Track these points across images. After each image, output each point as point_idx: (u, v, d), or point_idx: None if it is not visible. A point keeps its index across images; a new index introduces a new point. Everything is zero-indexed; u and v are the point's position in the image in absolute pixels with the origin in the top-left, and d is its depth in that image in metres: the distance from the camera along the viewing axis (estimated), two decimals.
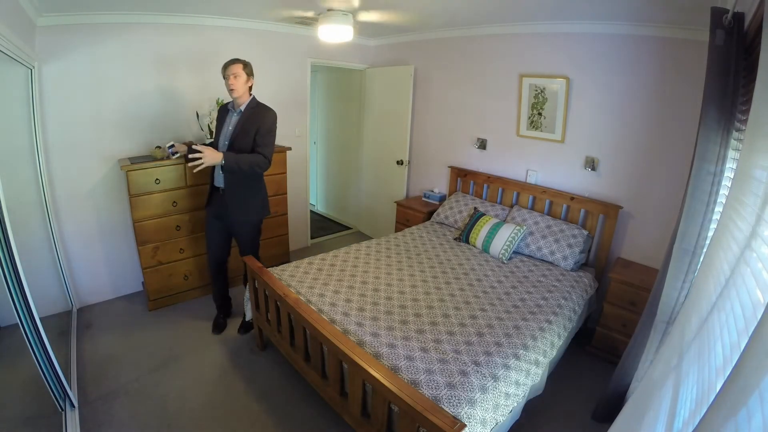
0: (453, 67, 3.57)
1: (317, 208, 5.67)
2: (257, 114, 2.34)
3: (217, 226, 2.56)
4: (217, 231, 2.58)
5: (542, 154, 3.10)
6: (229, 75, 2.26)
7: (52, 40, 2.50)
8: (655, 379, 1.03)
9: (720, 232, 1.26)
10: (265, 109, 2.37)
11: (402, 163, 4.11)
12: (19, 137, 2.50)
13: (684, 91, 2.36)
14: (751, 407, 0.53)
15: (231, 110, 2.41)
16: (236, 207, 2.43)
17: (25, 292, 1.66)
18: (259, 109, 2.36)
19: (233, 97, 2.33)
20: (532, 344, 1.90)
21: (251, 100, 2.38)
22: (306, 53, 3.77)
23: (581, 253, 2.69)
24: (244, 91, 2.32)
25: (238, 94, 2.31)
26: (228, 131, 2.37)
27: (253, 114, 2.34)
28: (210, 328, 2.77)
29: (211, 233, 2.60)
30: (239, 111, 2.36)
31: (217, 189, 2.48)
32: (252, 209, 2.50)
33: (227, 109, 2.45)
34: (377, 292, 2.25)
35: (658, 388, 1.12)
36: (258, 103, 2.39)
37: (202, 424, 1.99)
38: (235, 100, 2.36)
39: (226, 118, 2.42)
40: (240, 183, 2.41)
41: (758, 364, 0.54)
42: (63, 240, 2.82)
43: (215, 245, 2.62)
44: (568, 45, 2.79)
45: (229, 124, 2.38)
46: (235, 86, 2.27)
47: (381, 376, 1.49)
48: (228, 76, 2.26)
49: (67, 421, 1.86)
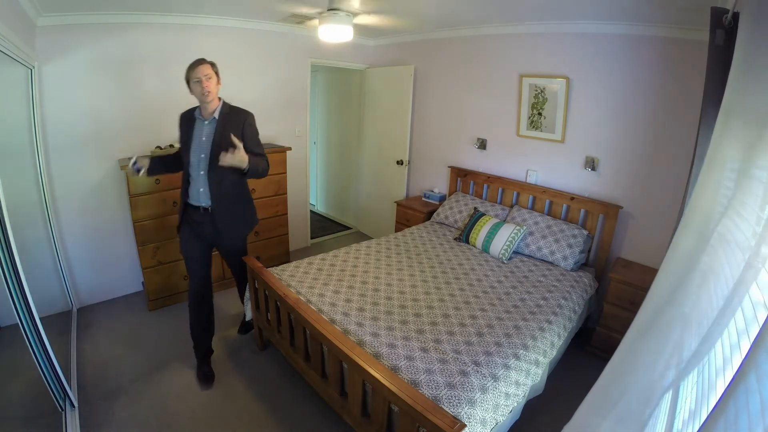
0: (453, 67, 3.57)
1: (317, 208, 5.67)
2: (236, 120, 2.09)
3: (199, 248, 2.24)
4: (200, 252, 2.25)
5: (542, 154, 3.10)
6: (200, 78, 1.96)
7: (52, 40, 2.50)
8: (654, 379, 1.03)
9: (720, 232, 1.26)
10: (243, 113, 2.13)
11: (402, 163, 4.11)
12: (19, 137, 2.50)
13: (684, 91, 2.36)
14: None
15: (199, 119, 2.08)
16: (229, 226, 2.20)
17: (25, 292, 1.66)
18: (235, 114, 2.11)
19: (206, 102, 2.02)
20: (532, 344, 1.90)
21: (223, 105, 2.09)
22: (306, 53, 3.77)
23: (581, 253, 2.69)
24: (216, 95, 2.05)
25: (212, 98, 2.02)
26: (202, 143, 2.06)
27: (231, 120, 2.07)
28: None
29: (193, 256, 2.24)
30: (213, 119, 2.06)
31: (196, 208, 2.14)
32: (245, 223, 2.32)
33: (192, 117, 2.10)
34: (377, 292, 2.25)
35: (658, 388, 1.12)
36: (231, 107, 2.13)
37: (202, 424, 1.99)
38: (207, 106, 2.05)
39: (194, 128, 2.08)
40: (230, 198, 2.17)
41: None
42: (63, 240, 2.82)
43: (200, 270, 2.26)
44: (568, 45, 2.79)
45: (202, 135, 2.07)
46: (210, 90, 1.99)
47: (381, 376, 1.49)
48: (199, 79, 1.96)
49: (67, 421, 1.86)
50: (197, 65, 1.99)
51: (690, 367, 0.85)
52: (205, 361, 2.35)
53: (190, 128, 2.10)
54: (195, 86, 1.99)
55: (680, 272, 1.01)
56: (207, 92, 1.98)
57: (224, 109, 2.10)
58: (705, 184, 1.04)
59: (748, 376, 0.57)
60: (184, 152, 2.11)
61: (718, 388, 0.77)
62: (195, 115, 2.10)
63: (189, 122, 2.12)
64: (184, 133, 2.13)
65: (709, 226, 0.96)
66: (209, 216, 2.15)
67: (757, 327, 0.74)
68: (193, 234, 2.21)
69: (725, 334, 0.85)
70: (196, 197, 2.13)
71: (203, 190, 2.11)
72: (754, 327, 0.75)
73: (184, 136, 2.12)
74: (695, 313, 0.90)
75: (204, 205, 2.13)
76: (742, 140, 0.92)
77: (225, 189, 2.12)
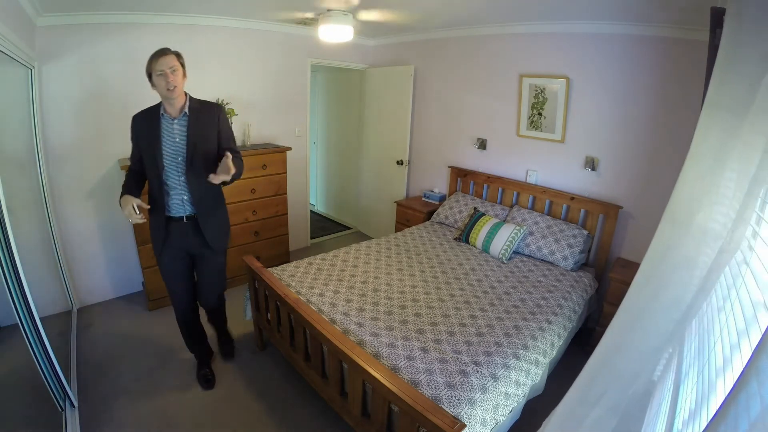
0: (453, 67, 3.57)
1: (317, 208, 5.67)
2: (207, 115, 1.90)
3: (184, 267, 2.05)
4: (186, 271, 2.08)
5: (542, 154, 3.10)
6: (164, 71, 1.72)
7: (52, 40, 2.50)
8: (654, 379, 1.04)
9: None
10: (214, 106, 1.95)
11: (402, 163, 4.11)
12: (19, 137, 2.50)
13: (684, 91, 2.35)
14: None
15: (164, 116, 1.83)
16: (214, 232, 2.01)
17: (25, 292, 1.66)
18: (207, 109, 1.92)
19: (172, 98, 1.78)
20: (532, 344, 1.90)
21: (190, 100, 1.88)
22: (306, 53, 3.77)
23: (581, 253, 2.69)
24: (182, 90, 1.83)
25: (178, 94, 1.79)
26: (176, 144, 1.83)
27: (203, 116, 1.88)
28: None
29: (178, 279, 2.06)
30: (184, 116, 1.84)
31: (178, 220, 1.93)
32: (225, 232, 2.14)
33: (156, 116, 1.84)
34: (377, 292, 2.25)
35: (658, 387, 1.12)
36: (199, 101, 1.92)
37: (201, 424, 1.99)
38: (173, 102, 1.81)
39: (161, 128, 1.82)
40: (211, 200, 1.99)
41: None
42: (63, 240, 2.82)
43: (187, 293, 2.12)
44: (568, 45, 2.79)
45: (174, 135, 1.83)
46: (177, 84, 1.76)
47: (381, 376, 1.49)
48: (163, 71, 1.72)
49: (67, 421, 1.86)
50: (160, 56, 1.74)
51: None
52: (205, 363, 2.32)
53: (155, 129, 1.83)
54: (158, 80, 1.74)
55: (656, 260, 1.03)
56: (173, 87, 1.74)
57: (193, 103, 1.88)
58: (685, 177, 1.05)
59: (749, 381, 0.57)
60: (153, 159, 1.82)
61: (718, 388, 0.78)
62: (160, 113, 1.84)
63: (152, 123, 1.83)
64: (149, 136, 1.83)
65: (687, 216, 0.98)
66: (192, 224, 1.95)
67: (758, 327, 0.74)
68: (177, 253, 2.00)
69: (725, 334, 0.85)
70: (178, 207, 1.91)
71: (186, 197, 1.90)
72: (755, 327, 0.75)
73: (149, 139, 1.83)
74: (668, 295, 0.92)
75: (188, 214, 1.93)
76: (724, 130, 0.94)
77: (205, 191, 1.93)
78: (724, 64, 1.02)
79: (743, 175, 0.86)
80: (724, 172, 0.90)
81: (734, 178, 0.89)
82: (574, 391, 1.18)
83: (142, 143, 1.86)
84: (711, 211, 0.92)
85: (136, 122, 1.87)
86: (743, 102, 0.89)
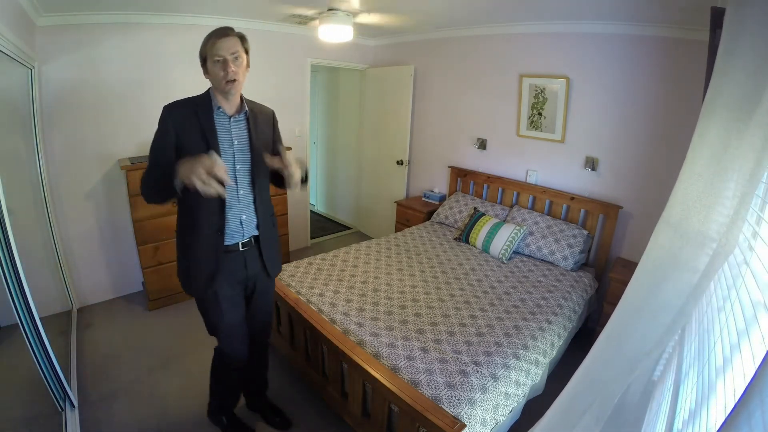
0: (453, 67, 3.57)
1: (317, 208, 5.67)
2: (264, 118, 1.61)
3: (239, 300, 1.63)
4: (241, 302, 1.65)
5: (542, 154, 3.10)
6: (224, 56, 1.35)
7: (52, 40, 2.50)
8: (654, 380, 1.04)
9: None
10: (270, 110, 1.67)
11: (402, 163, 4.11)
12: (19, 137, 2.50)
13: (684, 91, 2.35)
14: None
15: (221, 113, 1.45)
16: (272, 258, 1.65)
17: (25, 292, 1.66)
18: (262, 111, 1.62)
19: (232, 93, 1.42)
20: (532, 344, 1.90)
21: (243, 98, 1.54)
22: (306, 53, 3.77)
23: (581, 253, 2.69)
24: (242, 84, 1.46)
25: (238, 89, 1.44)
26: (236, 148, 1.47)
27: (260, 119, 1.58)
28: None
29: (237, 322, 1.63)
30: (244, 114, 1.50)
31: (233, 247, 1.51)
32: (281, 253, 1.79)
33: (207, 107, 1.44)
34: (377, 292, 2.25)
35: (658, 387, 1.12)
36: (251, 101, 1.61)
37: (202, 424, 1.99)
38: (230, 97, 1.44)
39: (215, 125, 1.43)
40: (270, 222, 1.65)
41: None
42: (63, 240, 2.82)
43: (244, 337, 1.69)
44: (568, 45, 2.79)
45: (233, 137, 1.46)
46: (239, 76, 1.40)
47: (381, 376, 1.49)
48: (223, 58, 1.35)
49: (67, 421, 1.86)
50: (220, 36, 1.35)
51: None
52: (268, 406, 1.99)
53: (209, 125, 1.41)
54: (214, 68, 1.37)
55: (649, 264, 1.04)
56: (232, 78, 1.37)
57: (249, 102, 1.56)
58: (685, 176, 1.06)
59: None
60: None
61: (718, 388, 0.78)
62: (214, 106, 1.44)
63: (202, 117, 1.41)
64: (200, 133, 1.40)
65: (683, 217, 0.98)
66: (255, 249, 1.58)
67: (758, 327, 0.74)
68: (233, 284, 1.56)
69: (725, 334, 0.85)
70: (236, 230, 1.50)
71: (246, 216, 1.51)
72: (755, 328, 0.75)
73: (196, 138, 1.39)
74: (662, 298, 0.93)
75: (246, 239, 1.53)
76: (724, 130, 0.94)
77: (266, 208, 1.61)
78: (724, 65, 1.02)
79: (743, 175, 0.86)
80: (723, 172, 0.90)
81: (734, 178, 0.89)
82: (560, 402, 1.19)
83: (185, 141, 1.39)
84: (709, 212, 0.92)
85: (174, 115, 1.40)
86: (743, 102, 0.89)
